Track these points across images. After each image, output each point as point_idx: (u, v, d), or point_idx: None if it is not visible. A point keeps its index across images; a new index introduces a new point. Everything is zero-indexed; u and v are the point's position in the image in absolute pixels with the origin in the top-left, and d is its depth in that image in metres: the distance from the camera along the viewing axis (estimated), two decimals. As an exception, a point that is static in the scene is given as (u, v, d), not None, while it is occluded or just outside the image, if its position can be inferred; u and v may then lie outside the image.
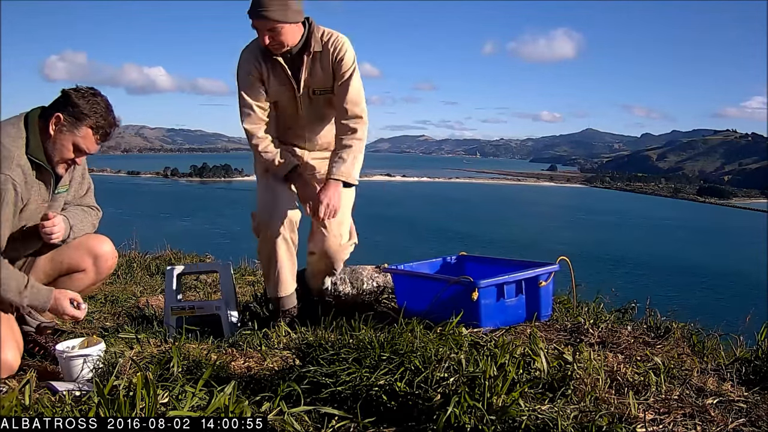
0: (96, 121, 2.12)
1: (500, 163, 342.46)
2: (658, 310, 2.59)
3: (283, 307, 2.79)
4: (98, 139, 2.16)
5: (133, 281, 4.25)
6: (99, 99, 2.14)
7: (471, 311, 2.38)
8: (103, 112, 2.14)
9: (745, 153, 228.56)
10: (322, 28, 2.66)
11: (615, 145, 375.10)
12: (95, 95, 2.14)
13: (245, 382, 1.83)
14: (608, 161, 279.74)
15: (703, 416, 1.58)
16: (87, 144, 2.15)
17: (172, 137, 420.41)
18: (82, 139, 2.13)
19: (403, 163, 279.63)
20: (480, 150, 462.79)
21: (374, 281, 3.07)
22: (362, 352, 1.78)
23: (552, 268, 2.64)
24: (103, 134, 2.16)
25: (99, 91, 2.16)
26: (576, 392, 1.66)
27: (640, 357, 2.07)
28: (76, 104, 2.10)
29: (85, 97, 2.12)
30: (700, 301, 31.29)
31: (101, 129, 2.14)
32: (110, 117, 2.17)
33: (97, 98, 2.14)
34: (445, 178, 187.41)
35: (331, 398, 1.68)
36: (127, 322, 2.98)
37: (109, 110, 2.16)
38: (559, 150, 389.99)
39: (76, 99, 2.11)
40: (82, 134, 2.12)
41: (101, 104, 2.14)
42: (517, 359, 1.72)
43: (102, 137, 2.17)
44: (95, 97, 2.14)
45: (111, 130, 2.18)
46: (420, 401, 1.60)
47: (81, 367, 2.00)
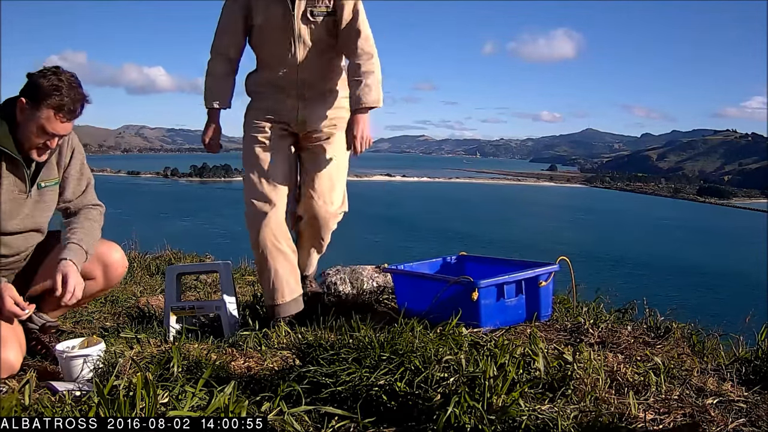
0: (58, 101, 2.01)
1: (500, 163, 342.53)
2: (658, 310, 2.59)
3: (279, 315, 2.68)
4: (62, 118, 2.05)
5: (133, 281, 4.25)
6: (61, 77, 2.03)
7: (471, 311, 2.38)
8: (66, 89, 2.02)
9: (745, 153, 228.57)
10: None
11: (615, 145, 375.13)
12: (56, 73, 2.03)
13: (245, 382, 1.83)
14: (608, 161, 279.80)
15: (703, 416, 1.58)
16: (52, 126, 2.04)
17: (172, 137, 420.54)
18: (45, 121, 2.03)
19: (403, 163, 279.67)
20: (480, 150, 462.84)
21: (374, 281, 3.07)
22: (362, 352, 1.78)
23: (552, 268, 2.64)
24: (68, 112, 2.04)
25: (61, 68, 2.06)
26: (576, 392, 1.66)
27: (640, 357, 2.07)
28: (36, 85, 2.01)
29: (45, 76, 2.02)
30: (700, 301, 31.29)
31: (64, 107, 2.03)
32: (73, 93, 2.04)
33: (60, 76, 2.03)
34: (445, 178, 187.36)
35: (331, 398, 1.68)
36: (127, 322, 2.98)
37: (71, 86, 2.04)
38: (559, 150, 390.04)
39: (36, 80, 2.02)
40: (44, 116, 2.02)
41: (64, 81, 2.03)
42: (517, 359, 1.72)
43: (67, 116, 2.05)
44: (56, 75, 2.03)
45: (76, 106, 2.06)
46: (420, 401, 1.60)
47: (81, 367, 2.00)
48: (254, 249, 2.66)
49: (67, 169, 2.29)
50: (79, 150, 2.32)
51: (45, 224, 2.29)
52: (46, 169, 2.21)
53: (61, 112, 2.03)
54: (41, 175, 2.20)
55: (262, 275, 2.71)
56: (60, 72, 2.05)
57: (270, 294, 2.69)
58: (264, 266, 2.66)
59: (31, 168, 2.15)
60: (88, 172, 2.37)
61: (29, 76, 2.05)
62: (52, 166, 2.24)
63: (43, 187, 2.21)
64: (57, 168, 2.26)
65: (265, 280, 2.69)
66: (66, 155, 2.27)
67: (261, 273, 2.71)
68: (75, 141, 2.30)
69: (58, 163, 2.26)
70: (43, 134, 2.06)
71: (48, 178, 2.23)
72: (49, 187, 2.23)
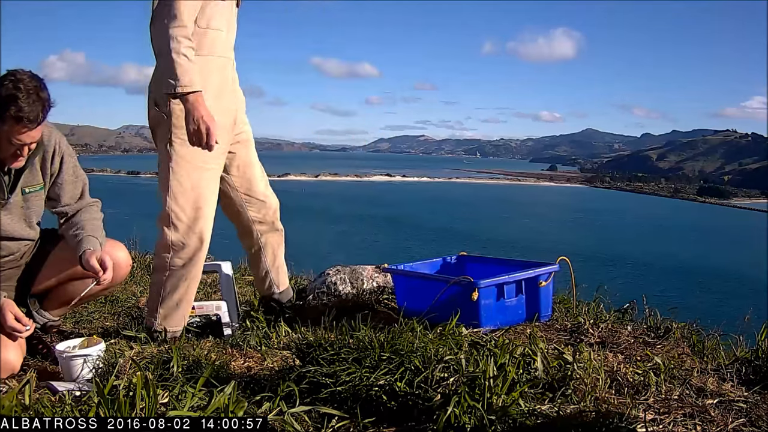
0: (16, 111, 1.91)
1: (500, 163, 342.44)
2: (658, 310, 2.59)
3: (166, 338, 2.50)
4: (24, 127, 1.95)
5: (133, 281, 4.24)
6: (19, 84, 1.93)
7: (471, 311, 2.39)
8: (23, 97, 1.91)
9: (745, 153, 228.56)
10: None
11: (615, 145, 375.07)
12: (14, 80, 1.93)
13: (245, 382, 1.83)
14: (608, 161, 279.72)
15: (703, 416, 1.58)
16: (16, 136, 1.96)
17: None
18: (8, 132, 1.95)
19: (403, 163, 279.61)
20: (480, 150, 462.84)
21: (374, 281, 3.07)
22: (362, 352, 1.78)
23: (552, 268, 2.64)
24: (29, 121, 1.94)
25: (20, 72, 1.96)
26: (576, 392, 1.66)
27: (640, 357, 2.07)
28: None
29: (3, 85, 1.92)
30: (699, 301, 31.28)
31: (23, 118, 1.93)
32: (31, 100, 1.93)
33: (17, 83, 1.93)
34: (445, 178, 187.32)
35: (330, 398, 1.67)
36: (127, 322, 2.98)
37: (29, 93, 1.93)
38: (559, 150, 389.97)
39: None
40: (6, 128, 1.94)
41: (21, 89, 1.92)
42: (517, 359, 1.72)
43: (28, 125, 1.95)
44: (14, 82, 1.93)
45: (37, 114, 1.95)
46: (420, 401, 1.59)
47: (81, 367, 2.00)
48: (185, 258, 2.51)
49: (58, 176, 2.25)
50: (69, 153, 2.28)
51: (33, 228, 2.29)
52: (29, 175, 2.18)
53: (20, 122, 1.94)
54: (24, 181, 2.17)
55: (177, 290, 2.57)
56: (18, 78, 1.95)
57: (178, 317, 2.57)
58: (191, 282, 2.60)
59: (10, 175, 2.13)
60: (82, 175, 2.34)
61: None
62: (36, 172, 2.20)
63: (27, 193, 2.19)
64: (42, 173, 2.22)
65: (178, 296, 2.57)
66: (54, 162, 2.24)
67: (178, 286, 2.56)
68: (63, 145, 2.26)
69: (43, 168, 2.22)
70: (10, 145, 2.00)
71: (32, 184, 2.20)
72: (33, 193, 2.21)
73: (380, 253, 34.34)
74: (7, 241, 2.21)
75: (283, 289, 2.93)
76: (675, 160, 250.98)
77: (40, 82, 2.00)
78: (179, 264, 2.48)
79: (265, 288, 2.90)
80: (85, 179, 2.36)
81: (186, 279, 2.50)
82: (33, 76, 1.99)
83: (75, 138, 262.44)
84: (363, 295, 2.99)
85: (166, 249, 2.46)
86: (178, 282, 2.50)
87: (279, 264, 2.89)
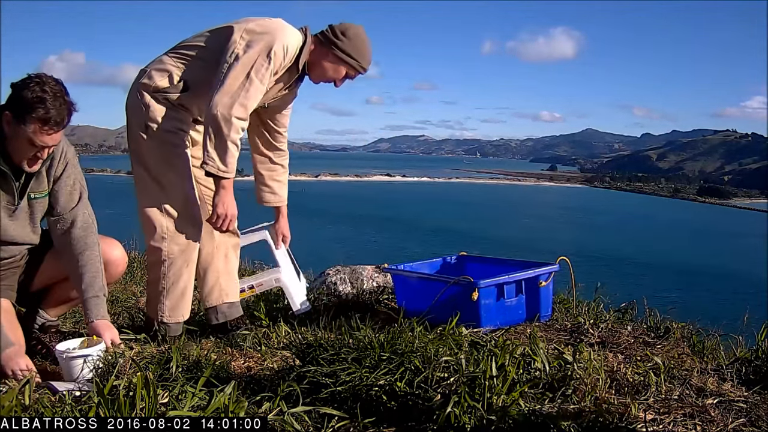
0: (44, 113, 1.94)
1: (500, 163, 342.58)
2: (658, 310, 2.60)
3: (174, 333, 2.52)
4: (49, 130, 1.98)
5: (133, 281, 4.25)
6: (45, 87, 1.95)
7: (471, 311, 2.39)
8: (50, 100, 1.94)
9: (745, 153, 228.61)
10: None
11: (615, 145, 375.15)
12: (40, 83, 1.95)
13: (245, 382, 1.83)
14: (608, 161, 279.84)
15: (703, 416, 1.58)
16: (40, 138, 1.98)
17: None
18: (32, 134, 1.97)
19: (403, 163, 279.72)
20: (480, 150, 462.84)
21: (374, 281, 3.07)
22: (362, 352, 1.78)
23: (552, 268, 2.64)
24: (55, 124, 1.97)
25: (45, 76, 1.98)
26: (576, 392, 1.66)
27: (640, 357, 2.07)
28: (20, 98, 1.94)
29: (29, 87, 1.94)
30: (699, 301, 31.27)
31: (50, 120, 1.96)
32: (58, 104, 1.96)
33: (44, 86, 1.95)
34: (445, 178, 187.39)
35: (330, 398, 1.67)
36: (127, 322, 2.98)
37: (56, 96, 1.96)
38: (559, 150, 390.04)
39: (19, 92, 1.95)
40: (31, 129, 1.96)
41: (48, 92, 1.94)
42: (517, 359, 1.72)
43: (54, 127, 1.98)
44: (40, 85, 1.95)
45: (63, 117, 1.99)
46: (420, 401, 1.60)
47: (81, 367, 1.99)
48: (179, 257, 2.51)
49: (58, 182, 2.23)
50: (73, 163, 2.26)
51: (36, 232, 2.28)
52: (36, 181, 2.17)
53: (47, 124, 1.97)
54: (31, 187, 2.17)
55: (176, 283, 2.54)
56: (44, 81, 1.97)
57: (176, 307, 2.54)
58: (188, 279, 2.56)
59: (20, 180, 2.12)
60: (81, 184, 2.30)
61: (12, 87, 1.98)
62: (42, 178, 2.19)
63: (33, 198, 2.19)
64: (47, 179, 2.21)
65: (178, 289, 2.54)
66: (58, 167, 2.22)
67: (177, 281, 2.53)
68: (70, 154, 2.24)
69: (48, 173, 2.21)
70: (31, 147, 2.01)
71: (38, 190, 2.19)
72: (38, 199, 2.21)
73: (380, 253, 34.31)
74: (11, 245, 2.21)
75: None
76: (675, 160, 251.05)
77: (64, 87, 2.02)
78: (177, 250, 2.45)
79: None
80: (84, 189, 2.31)
81: (188, 264, 2.48)
82: (57, 81, 2.01)
83: (75, 138, 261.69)
84: (363, 295, 2.99)
85: (159, 239, 2.44)
86: (180, 270, 2.46)
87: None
